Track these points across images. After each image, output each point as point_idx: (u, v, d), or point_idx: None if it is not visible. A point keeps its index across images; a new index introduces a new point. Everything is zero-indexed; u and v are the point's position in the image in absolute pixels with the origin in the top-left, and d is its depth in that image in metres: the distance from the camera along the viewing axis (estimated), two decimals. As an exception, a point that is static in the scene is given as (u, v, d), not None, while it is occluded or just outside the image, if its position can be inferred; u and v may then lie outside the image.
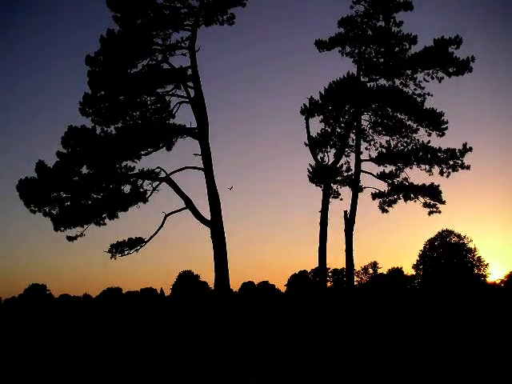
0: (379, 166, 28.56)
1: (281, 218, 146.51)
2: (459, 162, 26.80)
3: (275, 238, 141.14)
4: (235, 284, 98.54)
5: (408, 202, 28.32)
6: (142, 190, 23.03)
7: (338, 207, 29.45)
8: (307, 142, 28.40)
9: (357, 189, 28.40)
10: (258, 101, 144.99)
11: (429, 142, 27.54)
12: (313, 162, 29.00)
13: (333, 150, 28.79)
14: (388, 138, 28.69)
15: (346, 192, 29.43)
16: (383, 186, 28.91)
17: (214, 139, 23.79)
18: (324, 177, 28.32)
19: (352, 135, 28.90)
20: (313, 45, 29.08)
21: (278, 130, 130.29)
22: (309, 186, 29.51)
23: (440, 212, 28.00)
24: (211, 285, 73.41)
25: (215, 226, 23.00)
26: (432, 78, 27.36)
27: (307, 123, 28.47)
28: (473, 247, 63.71)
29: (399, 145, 28.46)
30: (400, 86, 28.04)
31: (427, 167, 27.55)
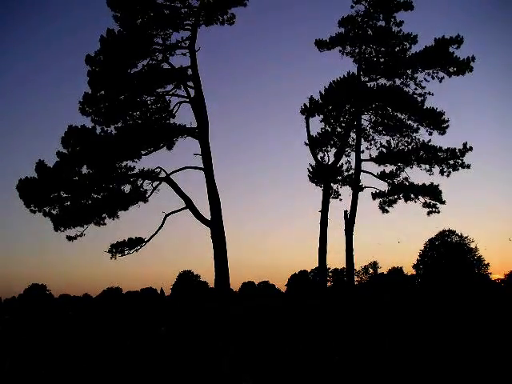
0: (379, 165, 28.60)
1: (281, 218, 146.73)
2: (459, 161, 26.81)
3: (275, 238, 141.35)
4: (235, 284, 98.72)
5: (408, 202, 28.34)
6: (142, 189, 23.05)
7: (338, 207, 29.50)
8: (307, 142, 28.39)
9: (357, 189, 28.37)
10: (258, 100, 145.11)
11: (429, 141, 27.59)
12: (313, 162, 29.07)
13: (333, 150, 28.86)
14: (388, 137, 28.79)
15: (346, 192, 29.50)
16: (383, 186, 28.99)
17: (214, 139, 23.82)
18: (324, 177, 28.30)
19: (352, 135, 28.96)
20: (313, 44, 29.17)
21: (278, 129, 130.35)
22: (309, 186, 29.61)
23: (439, 212, 28.04)
24: (211, 285, 73.46)
25: (215, 225, 22.96)
26: (432, 78, 27.40)
27: (307, 123, 28.47)
28: (473, 247, 63.82)
29: (400, 144, 28.48)
30: (400, 86, 28.08)
31: (427, 167, 27.55)
